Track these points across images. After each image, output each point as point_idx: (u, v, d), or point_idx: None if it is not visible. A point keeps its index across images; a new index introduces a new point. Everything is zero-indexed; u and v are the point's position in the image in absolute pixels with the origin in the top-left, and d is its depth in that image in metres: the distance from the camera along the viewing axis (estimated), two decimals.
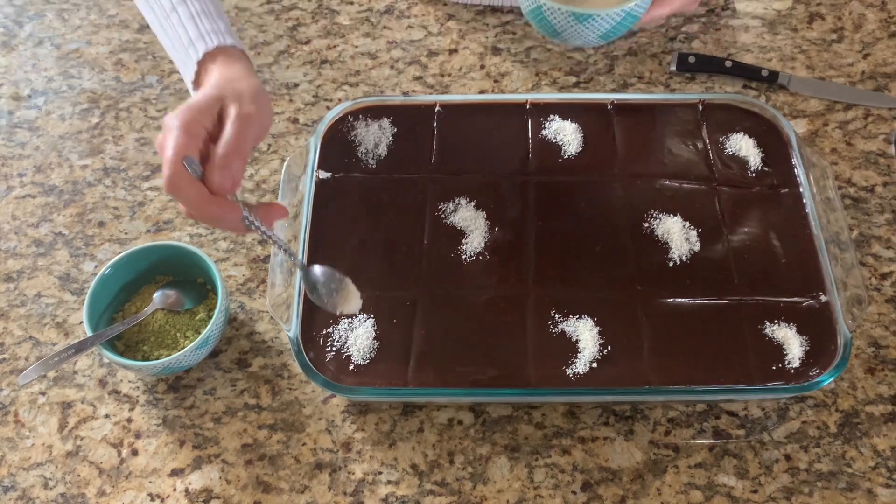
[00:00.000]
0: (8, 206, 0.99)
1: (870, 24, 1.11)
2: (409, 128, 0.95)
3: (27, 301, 0.92)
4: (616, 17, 0.83)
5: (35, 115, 1.06)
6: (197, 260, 0.86)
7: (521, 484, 0.80)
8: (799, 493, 0.79)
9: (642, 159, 0.93)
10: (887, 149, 1.00)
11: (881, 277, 0.91)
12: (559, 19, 0.83)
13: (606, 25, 0.83)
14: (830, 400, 0.84)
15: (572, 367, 0.80)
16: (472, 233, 0.88)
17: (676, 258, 0.86)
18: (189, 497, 0.80)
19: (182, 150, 0.66)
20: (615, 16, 0.83)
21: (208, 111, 0.69)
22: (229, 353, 0.88)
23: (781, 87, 1.05)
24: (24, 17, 1.16)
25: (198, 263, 0.86)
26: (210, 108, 0.69)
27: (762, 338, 0.81)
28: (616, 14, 0.83)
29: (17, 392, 0.86)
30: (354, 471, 0.81)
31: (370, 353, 0.81)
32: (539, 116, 0.96)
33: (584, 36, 0.85)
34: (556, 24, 0.84)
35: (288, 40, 1.11)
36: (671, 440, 0.82)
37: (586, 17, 0.82)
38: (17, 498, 0.81)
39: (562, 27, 0.84)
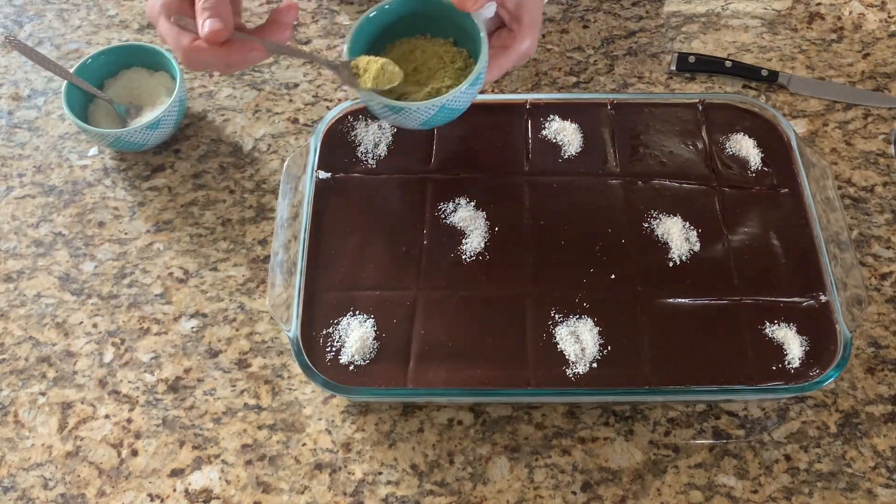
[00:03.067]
0: (8, 206, 0.99)
1: (870, 24, 1.11)
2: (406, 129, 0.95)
3: (27, 301, 0.92)
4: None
5: (35, 115, 1.06)
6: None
7: (521, 484, 0.80)
8: (799, 494, 0.79)
9: (642, 159, 0.93)
10: (887, 149, 1.00)
11: (881, 277, 0.91)
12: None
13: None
14: (830, 400, 0.84)
15: (572, 367, 0.80)
16: (472, 233, 0.88)
17: (676, 258, 0.86)
18: (189, 497, 0.80)
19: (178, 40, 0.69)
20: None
21: None
22: (229, 353, 0.88)
23: (781, 87, 1.05)
24: (24, 17, 1.16)
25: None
26: None
27: (762, 338, 0.81)
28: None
29: (17, 392, 0.86)
30: (354, 471, 0.81)
31: (370, 353, 0.81)
32: (539, 116, 0.96)
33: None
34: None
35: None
36: (671, 440, 0.82)
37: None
38: (17, 498, 0.81)
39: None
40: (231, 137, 1.03)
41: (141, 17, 1.14)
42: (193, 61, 0.70)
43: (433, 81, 0.83)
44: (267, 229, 0.96)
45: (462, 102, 0.81)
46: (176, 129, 1.01)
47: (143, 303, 0.91)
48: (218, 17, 0.68)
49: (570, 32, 1.11)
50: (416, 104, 0.79)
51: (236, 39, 0.70)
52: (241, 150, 1.02)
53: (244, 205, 0.97)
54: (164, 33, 0.70)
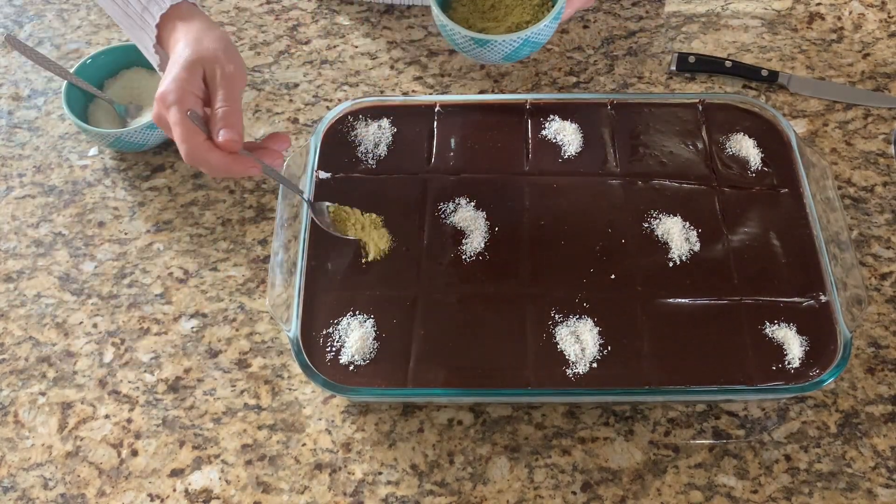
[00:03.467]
0: (8, 206, 0.99)
1: (870, 24, 1.11)
2: (409, 128, 0.95)
3: (27, 301, 0.92)
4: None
5: (35, 115, 1.06)
6: None
7: (521, 484, 0.80)
8: (799, 494, 0.79)
9: (642, 159, 0.93)
10: (887, 149, 1.00)
11: (881, 277, 0.91)
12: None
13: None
14: (830, 400, 0.84)
15: (572, 367, 0.80)
16: (472, 233, 0.88)
17: (676, 258, 0.86)
18: (189, 497, 0.80)
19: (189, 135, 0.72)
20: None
21: (194, 80, 0.74)
22: (229, 353, 0.88)
23: (781, 87, 1.05)
24: (24, 17, 1.16)
25: None
26: (194, 76, 0.74)
27: (762, 338, 0.81)
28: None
29: (17, 392, 0.86)
30: (354, 471, 0.81)
31: (370, 353, 0.81)
32: (539, 116, 0.96)
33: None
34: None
35: (288, 40, 1.11)
36: (671, 440, 0.82)
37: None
38: (17, 498, 0.80)
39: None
40: None
41: None
42: (199, 159, 0.73)
43: (511, 17, 0.88)
44: (267, 229, 0.96)
45: (544, 36, 0.85)
46: None
47: (143, 303, 0.91)
48: (235, 130, 0.73)
49: (570, 32, 1.11)
50: (502, 37, 0.83)
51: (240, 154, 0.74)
52: None
53: (244, 205, 0.97)
54: (176, 122, 0.72)
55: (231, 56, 0.76)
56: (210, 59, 0.75)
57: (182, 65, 0.74)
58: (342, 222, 0.87)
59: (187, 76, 0.74)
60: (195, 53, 0.75)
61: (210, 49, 0.75)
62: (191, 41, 0.76)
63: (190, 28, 0.78)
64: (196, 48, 0.75)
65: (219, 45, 0.76)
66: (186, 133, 0.72)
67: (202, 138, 0.73)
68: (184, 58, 0.75)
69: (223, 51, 0.76)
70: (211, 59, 0.75)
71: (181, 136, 0.72)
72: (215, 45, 0.76)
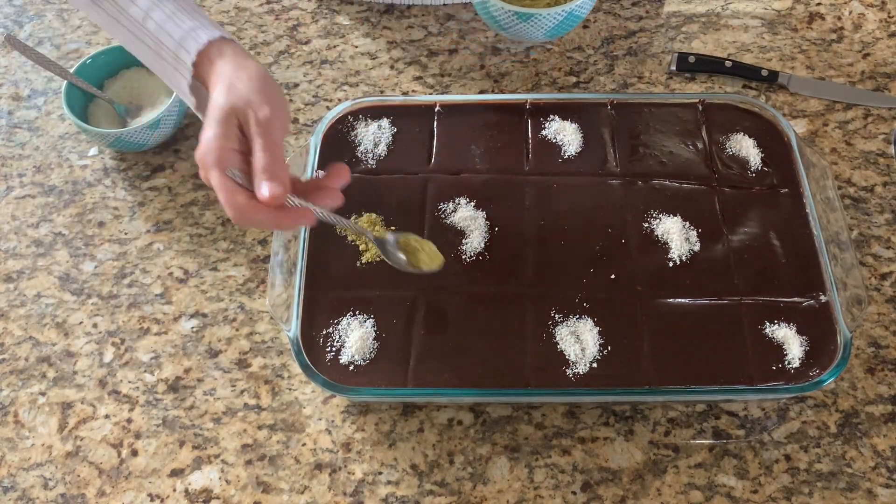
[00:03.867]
0: (8, 206, 0.99)
1: (870, 24, 1.11)
2: (409, 128, 0.95)
3: (27, 301, 0.92)
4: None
5: (35, 115, 1.06)
6: None
7: (521, 484, 0.80)
8: (799, 494, 0.79)
9: (642, 159, 0.93)
10: (887, 149, 1.00)
11: (881, 277, 0.91)
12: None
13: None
14: (830, 400, 0.84)
15: (572, 367, 0.80)
16: (472, 233, 0.88)
17: (676, 258, 0.86)
18: (189, 497, 0.80)
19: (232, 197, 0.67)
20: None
21: (230, 133, 0.69)
22: (229, 353, 0.88)
23: (781, 87, 1.05)
24: (24, 17, 1.16)
25: None
26: (230, 128, 0.69)
27: (762, 338, 0.81)
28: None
29: (17, 392, 0.86)
30: (354, 471, 0.81)
31: (370, 353, 0.81)
32: (539, 116, 0.96)
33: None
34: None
35: (288, 40, 1.11)
36: (671, 440, 0.82)
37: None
38: (17, 498, 0.80)
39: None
40: None
41: None
42: (246, 219, 0.68)
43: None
44: None
45: (584, 10, 0.88)
46: (176, 129, 1.01)
47: (143, 303, 0.91)
48: (278, 182, 0.67)
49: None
50: (546, 10, 0.86)
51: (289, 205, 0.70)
52: None
53: None
54: (218, 186, 0.68)
55: (267, 96, 0.70)
56: (242, 108, 0.69)
57: (216, 119, 0.69)
58: (413, 254, 0.82)
59: (222, 131, 0.68)
60: (227, 102, 0.69)
61: (242, 94, 0.69)
62: (224, 87, 0.70)
63: (223, 69, 0.72)
64: (228, 96, 0.69)
65: (251, 87, 0.70)
66: (229, 195, 0.67)
67: (245, 197, 0.68)
68: (217, 109, 0.69)
69: (257, 92, 0.69)
70: (243, 106, 0.69)
71: (225, 199, 0.67)
72: (248, 87, 0.70)
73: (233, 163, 0.68)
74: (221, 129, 0.68)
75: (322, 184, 0.74)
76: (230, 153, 0.68)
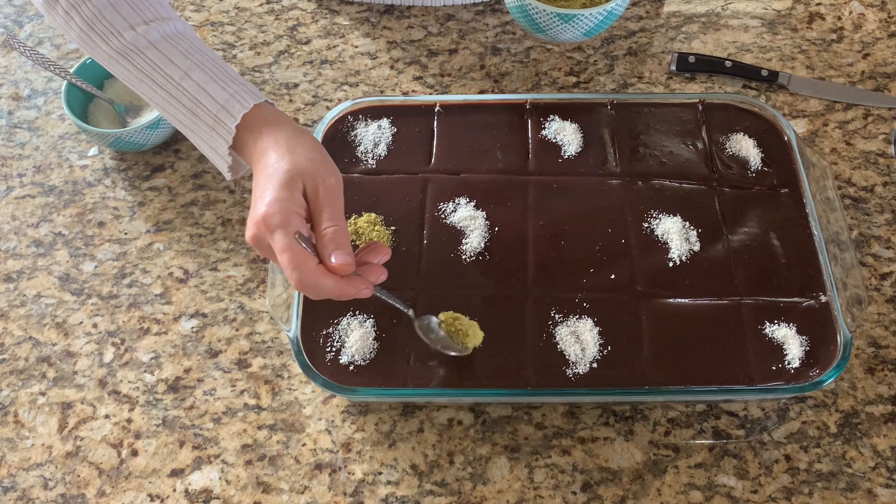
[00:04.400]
0: (8, 206, 0.99)
1: (870, 24, 1.11)
2: (409, 128, 0.95)
3: (27, 301, 0.92)
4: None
5: (35, 115, 1.06)
6: None
7: (521, 484, 0.80)
8: (799, 494, 0.79)
9: (642, 159, 0.93)
10: (887, 149, 1.00)
11: (881, 277, 0.91)
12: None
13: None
14: (830, 400, 0.84)
15: (572, 367, 0.80)
16: (471, 233, 0.88)
17: (676, 258, 0.86)
18: (189, 497, 0.80)
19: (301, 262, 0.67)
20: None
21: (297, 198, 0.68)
22: (229, 353, 0.88)
23: (781, 87, 1.05)
24: (24, 18, 1.16)
25: None
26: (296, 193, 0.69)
27: (762, 338, 0.81)
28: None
29: (17, 392, 0.86)
30: (354, 471, 0.81)
31: (370, 353, 0.81)
32: (539, 116, 0.96)
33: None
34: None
35: (288, 40, 1.11)
36: (671, 440, 0.82)
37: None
38: (17, 498, 0.81)
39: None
40: None
41: None
42: (311, 284, 0.68)
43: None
44: None
45: (621, 8, 0.91)
46: (176, 129, 1.01)
47: (143, 303, 0.91)
48: (346, 251, 0.68)
49: None
50: (587, 10, 0.88)
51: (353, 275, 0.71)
52: None
53: (244, 205, 0.97)
54: (283, 247, 0.67)
55: (329, 167, 0.71)
56: (310, 173, 0.69)
57: (281, 182, 0.68)
58: (458, 333, 0.79)
59: (289, 195, 0.68)
60: (294, 166, 0.69)
61: (308, 161, 0.69)
62: (284, 152, 0.70)
63: (279, 135, 0.71)
64: (293, 160, 0.69)
65: (315, 156, 0.70)
66: (297, 260, 0.67)
67: (314, 263, 0.68)
68: (281, 172, 0.68)
69: (321, 162, 0.70)
70: (311, 172, 0.69)
71: (291, 262, 0.67)
72: (312, 156, 0.70)
73: (298, 227, 0.68)
74: (288, 192, 0.68)
75: (365, 259, 0.75)
76: (295, 217, 0.68)
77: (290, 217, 0.67)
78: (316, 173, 0.69)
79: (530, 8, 0.88)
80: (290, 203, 0.68)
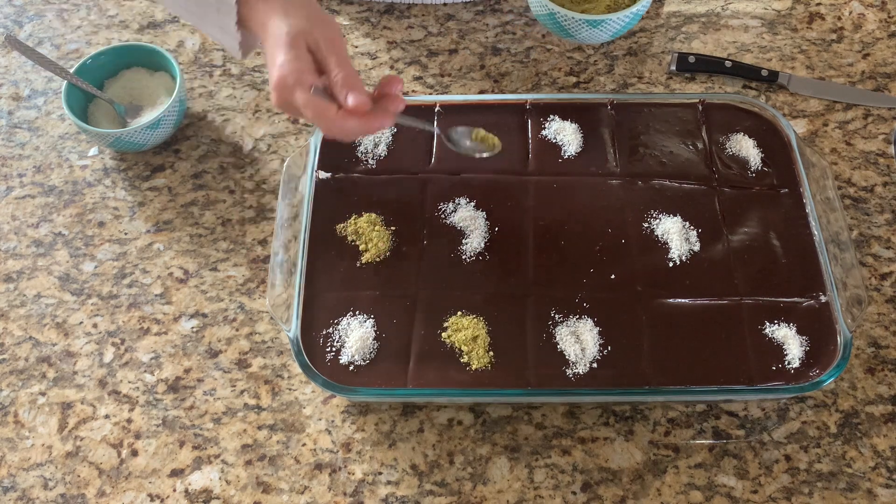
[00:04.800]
0: (8, 206, 0.99)
1: (870, 24, 1.11)
2: (410, 128, 0.95)
3: (27, 301, 0.92)
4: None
5: (35, 115, 1.06)
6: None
7: (521, 484, 0.80)
8: (799, 494, 0.79)
9: (642, 159, 0.93)
10: (887, 149, 1.00)
11: (881, 277, 0.91)
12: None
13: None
14: (830, 400, 0.84)
15: (572, 368, 0.80)
16: (472, 233, 0.88)
17: (676, 258, 0.86)
18: (189, 497, 0.80)
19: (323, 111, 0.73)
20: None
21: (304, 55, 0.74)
22: (229, 353, 0.88)
23: (781, 87, 1.05)
24: (24, 18, 1.16)
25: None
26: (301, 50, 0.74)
27: (762, 338, 0.81)
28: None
29: (17, 392, 0.86)
30: (354, 471, 0.81)
31: (370, 354, 0.81)
32: (539, 116, 0.96)
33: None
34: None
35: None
36: (671, 440, 0.82)
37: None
38: (17, 498, 0.81)
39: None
40: (231, 137, 1.03)
41: (141, 17, 1.14)
42: (338, 129, 0.75)
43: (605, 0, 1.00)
44: (267, 229, 0.96)
45: (644, 8, 0.96)
46: (176, 129, 1.01)
47: (143, 303, 0.91)
48: (359, 91, 0.74)
49: None
50: (615, 15, 0.93)
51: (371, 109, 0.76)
52: (241, 150, 1.02)
53: (244, 205, 0.97)
54: (305, 103, 0.73)
55: (324, 19, 0.76)
56: (308, 30, 0.74)
57: (286, 44, 0.74)
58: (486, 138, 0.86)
59: (295, 53, 0.73)
60: (292, 27, 0.74)
61: (304, 19, 0.75)
62: (281, 16, 0.75)
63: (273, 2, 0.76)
64: (289, 22, 0.74)
65: (308, 12, 0.75)
66: (319, 110, 0.73)
67: (335, 110, 0.73)
68: (283, 35, 0.74)
69: (316, 17, 0.75)
70: (309, 29, 0.74)
71: (315, 113, 0.73)
72: (307, 13, 0.75)
73: (314, 80, 0.73)
74: (294, 52, 0.73)
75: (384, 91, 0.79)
76: (306, 73, 0.73)
77: (301, 75, 0.73)
78: (313, 29, 0.75)
79: (559, 16, 0.93)
80: (297, 62, 0.73)
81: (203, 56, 1.10)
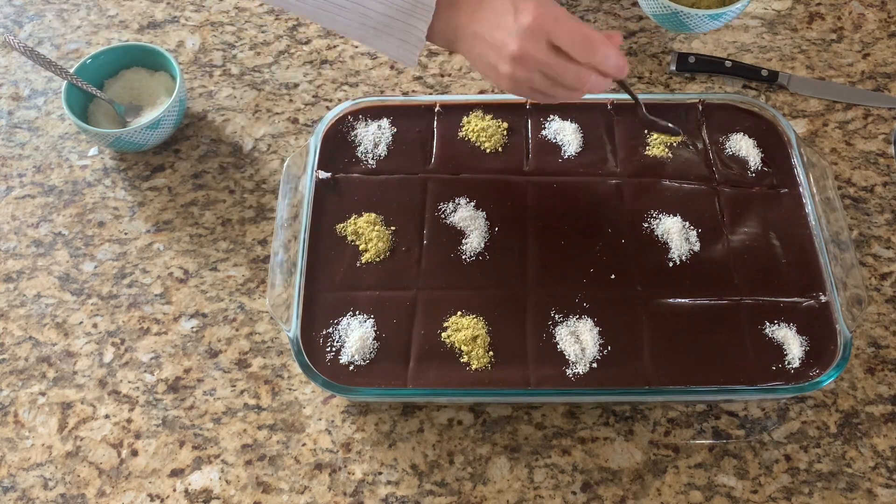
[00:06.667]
0: (8, 206, 0.99)
1: (870, 24, 1.11)
2: (409, 128, 0.95)
3: (27, 301, 0.92)
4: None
5: (35, 115, 1.06)
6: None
7: (521, 484, 0.80)
8: (799, 494, 0.79)
9: (642, 159, 0.93)
10: (887, 149, 1.00)
11: (881, 277, 0.91)
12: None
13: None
14: (830, 400, 0.84)
15: (572, 368, 0.80)
16: (471, 233, 0.88)
17: (676, 258, 0.86)
18: (189, 497, 0.80)
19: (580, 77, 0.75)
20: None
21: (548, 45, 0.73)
22: (229, 353, 0.88)
23: (781, 87, 1.05)
24: (24, 18, 1.16)
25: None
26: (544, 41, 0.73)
27: (762, 338, 0.81)
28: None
29: (17, 392, 0.86)
30: (354, 471, 0.81)
31: (370, 353, 0.81)
32: (539, 116, 0.96)
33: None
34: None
35: (288, 40, 1.11)
36: (671, 440, 0.82)
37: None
38: (17, 498, 0.81)
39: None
40: (231, 137, 1.03)
41: (141, 17, 1.14)
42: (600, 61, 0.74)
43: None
44: (267, 229, 0.96)
45: None
46: (176, 129, 1.01)
47: (143, 303, 0.91)
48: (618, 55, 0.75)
49: None
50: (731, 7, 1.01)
51: None
52: (241, 150, 1.02)
53: (244, 205, 0.97)
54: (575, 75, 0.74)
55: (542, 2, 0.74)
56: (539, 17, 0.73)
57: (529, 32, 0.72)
58: None
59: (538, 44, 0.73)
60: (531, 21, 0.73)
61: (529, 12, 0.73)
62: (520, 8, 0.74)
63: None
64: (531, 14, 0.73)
65: None
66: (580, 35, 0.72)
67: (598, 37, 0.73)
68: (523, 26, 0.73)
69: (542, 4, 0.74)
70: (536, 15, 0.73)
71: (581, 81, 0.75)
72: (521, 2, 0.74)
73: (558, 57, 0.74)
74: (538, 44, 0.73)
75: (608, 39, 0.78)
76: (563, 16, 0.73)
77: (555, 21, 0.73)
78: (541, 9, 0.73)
79: (682, 14, 1.00)
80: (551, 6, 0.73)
81: (203, 56, 1.10)
